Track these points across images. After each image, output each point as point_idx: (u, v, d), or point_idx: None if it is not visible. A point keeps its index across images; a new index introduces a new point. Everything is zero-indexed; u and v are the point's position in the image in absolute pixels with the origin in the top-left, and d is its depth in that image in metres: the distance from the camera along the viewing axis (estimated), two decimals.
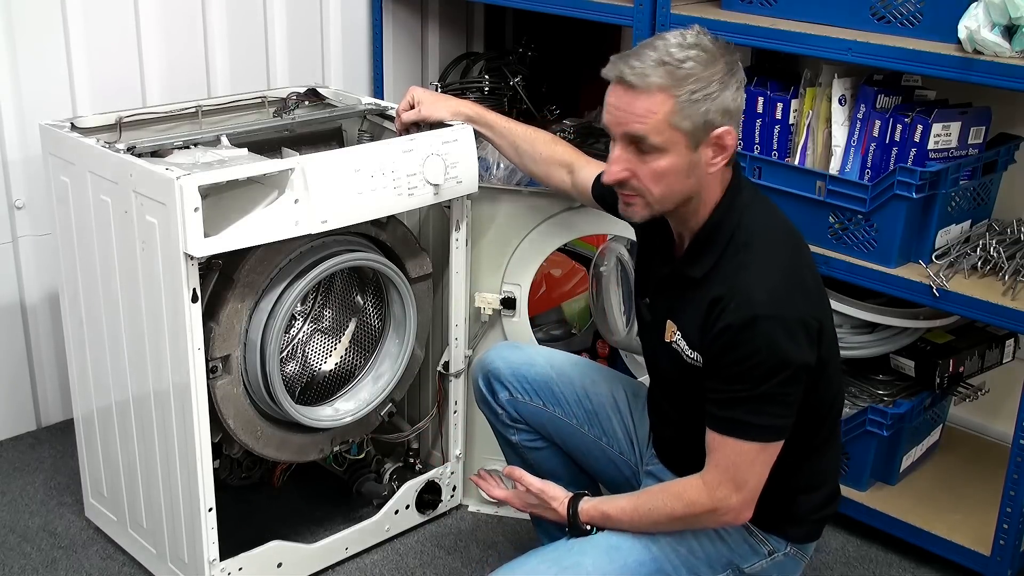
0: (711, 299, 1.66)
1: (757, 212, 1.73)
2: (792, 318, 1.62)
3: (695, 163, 1.67)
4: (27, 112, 2.54)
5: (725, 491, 1.69)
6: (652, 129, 1.64)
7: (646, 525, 1.77)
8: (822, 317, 1.69)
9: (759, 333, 1.61)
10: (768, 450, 1.67)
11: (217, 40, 2.86)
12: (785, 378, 1.62)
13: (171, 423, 2.02)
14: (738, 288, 1.64)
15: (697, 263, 1.72)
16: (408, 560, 2.35)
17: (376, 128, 2.41)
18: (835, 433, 1.86)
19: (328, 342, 2.38)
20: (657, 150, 1.65)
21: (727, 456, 1.68)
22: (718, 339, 1.64)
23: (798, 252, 1.74)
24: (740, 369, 1.63)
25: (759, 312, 1.61)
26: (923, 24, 2.13)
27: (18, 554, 2.32)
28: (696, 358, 1.72)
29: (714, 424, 1.68)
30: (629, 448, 2.04)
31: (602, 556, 1.75)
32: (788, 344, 1.61)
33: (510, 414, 2.09)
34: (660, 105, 1.62)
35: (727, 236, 1.70)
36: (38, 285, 2.70)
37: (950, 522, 2.33)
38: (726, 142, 1.66)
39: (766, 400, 1.64)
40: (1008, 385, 2.56)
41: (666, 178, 1.68)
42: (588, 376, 2.10)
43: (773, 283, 1.64)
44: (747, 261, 1.67)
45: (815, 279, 1.74)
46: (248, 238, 1.91)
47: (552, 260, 2.79)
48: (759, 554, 1.81)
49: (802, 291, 1.67)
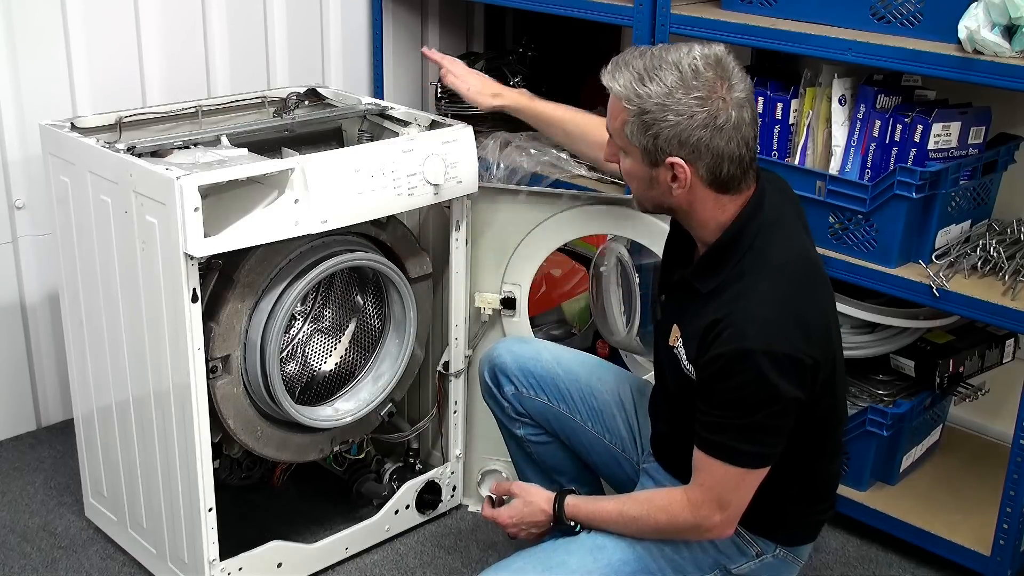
0: (709, 321, 1.64)
1: (775, 237, 1.69)
2: (783, 353, 1.59)
3: (655, 179, 1.69)
4: (27, 112, 2.54)
5: (708, 510, 1.69)
6: (614, 131, 1.72)
7: (631, 532, 1.78)
8: (817, 355, 1.63)
9: (749, 367, 1.58)
10: (753, 475, 1.67)
11: (217, 40, 2.86)
12: (774, 411, 1.61)
13: (171, 423, 2.02)
14: (734, 317, 1.61)
15: (705, 278, 1.71)
16: (408, 560, 2.35)
17: (376, 128, 2.41)
18: (834, 450, 1.84)
19: (328, 342, 2.38)
20: (622, 150, 1.72)
21: (712, 477, 1.67)
22: (710, 365, 1.63)
23: (804, 286, 1.69)
24: (730, 398, 1.62)
25: (750, 346, 1.58)
26: (923, 24, 2.13)
27: (18, 554, 2.32)
28: (690, 370, 1.71)
29: (701, 445, 1.68)
30: (632, 446, 2.04)
31: (587, 556, 1.76)
32: (778, 380, 1.58)
33: (515, 408, 2.09)
34: (619, 112, 1.67)
35: (737, 257, 1.67)
36: (38, 285, 2.70)
37: (950, 522, 2.33)
38: (677, 174, 1.65)
39: (754, 429, 1.63)
40: (1008, 385, 2.56)
41: (632, 180, 1.74)
42: (594, 373, 2.10)
43: (768, 316, 1.61)
44: (748, 289, 1.64)
45: (817, 314, 1.68)
46: (248, 238, 1.91)
47: (552, 260, 2.79)
48: (747, 555, 1.81)
49: (799, 326, 1.62)
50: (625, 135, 1.67)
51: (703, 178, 1.66)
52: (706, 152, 1.63)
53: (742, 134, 1.63)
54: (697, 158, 1.63)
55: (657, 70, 1.62)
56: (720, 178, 1.65)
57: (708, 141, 1.62)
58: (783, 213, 1.74)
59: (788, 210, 1.77)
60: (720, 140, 1.62)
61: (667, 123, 1.61)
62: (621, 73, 1.65)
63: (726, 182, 1.66)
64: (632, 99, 1.63)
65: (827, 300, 1.76)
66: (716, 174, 1.65)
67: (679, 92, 1.60)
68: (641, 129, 1.64)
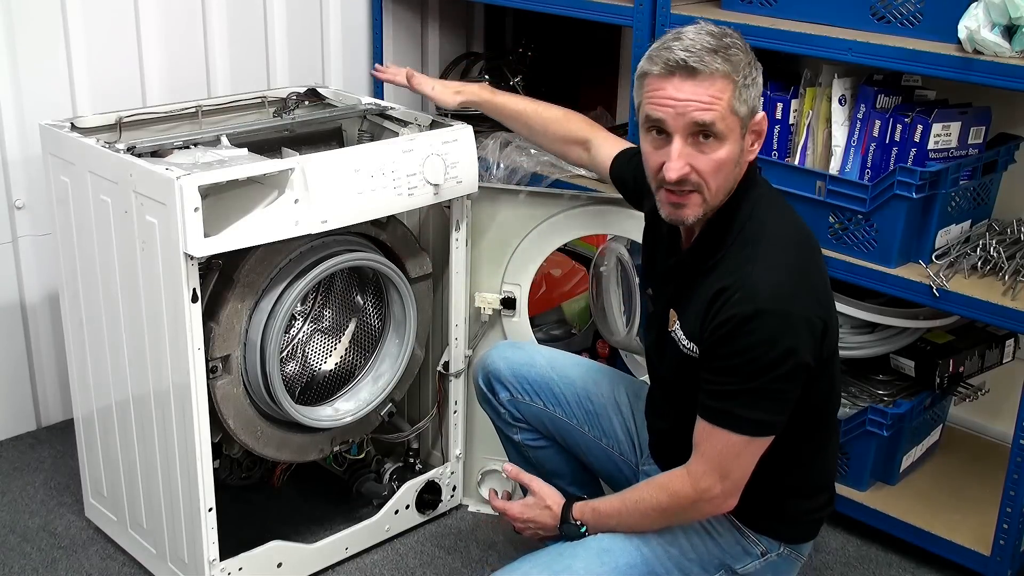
0: (716, 289, 1.65)
1: (770, 207, 1.73)
2: (796, 314, 1.62)
3: (743, 151, 1.69)
4: (27, 112, 2.54)
5: (709, 481, 1.69)
6: (719, 116, 1.62)
7: (635, 517, 1.78)
8: (827, 318, 1.68)
9: (761, 326, 1.60)
10: (756, 444, 1.67)
11: (217, 40, 2.86)
12: (782, 374, 1.62)
13: (171, 423, 2.02)
14: (744, 280, 1.63)
15: (706, 251, 1.72)
16: (408, 560, 2.35)
17: (376, 128, 2.41)
18: (831, 439, 1.85)
19: (328, 342, 2.38)
20: (718, 139, 1.63)
21: (714, 446, 1.68)
22: (719, 329, 1.64)
23: (807, 251, 1.73)
24: (738, 361, 1.63)
25: (763, 306, 1.60)
26: (923, 24, 2.13)
27: (18, 554, 2.32)
28: (692, 349, 1.72)
29: (705, 414, 1.68)
30: (630, 449, 2.04)
31: (593, 559, 1.76)
32: (789, 340, 1.61)
33: (512, 413, 2.09)
34: (723, 91, 1.62)
35: (738, 227, 1.70)
36: (38, 285, 2.70)
37: (950, 522, 2.33)
38: (763, 128, 1.70)
39: (760, 395, 1.63)
40: (1008, 385, 2.56)
41: (723, 169, 1.66)
42: (590, 377, 2.10)
43: (779, 279, 1.63)
44: (755, 255, 1.66)
45: (823, 280, 1.73)
46: (248, 238, 1.91)
47: (552, 260, 2.79)
48: (751, 555, 1.81)
49: (808, 289, 1.66)
50: (733, 111, 1.63)
51: None
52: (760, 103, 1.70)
53: None
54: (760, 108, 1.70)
55: (713, 42, 1.63)
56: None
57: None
58: (769, 186, 1.78)
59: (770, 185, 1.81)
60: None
61: (756, 78, 1.67)
62: (703, 56, 1.61)
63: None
64: (734, 68, 1.62)
65: (823, 264, 1.79)
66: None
67: (745, 51, 1.66)
68: (746, 93, 1.64)
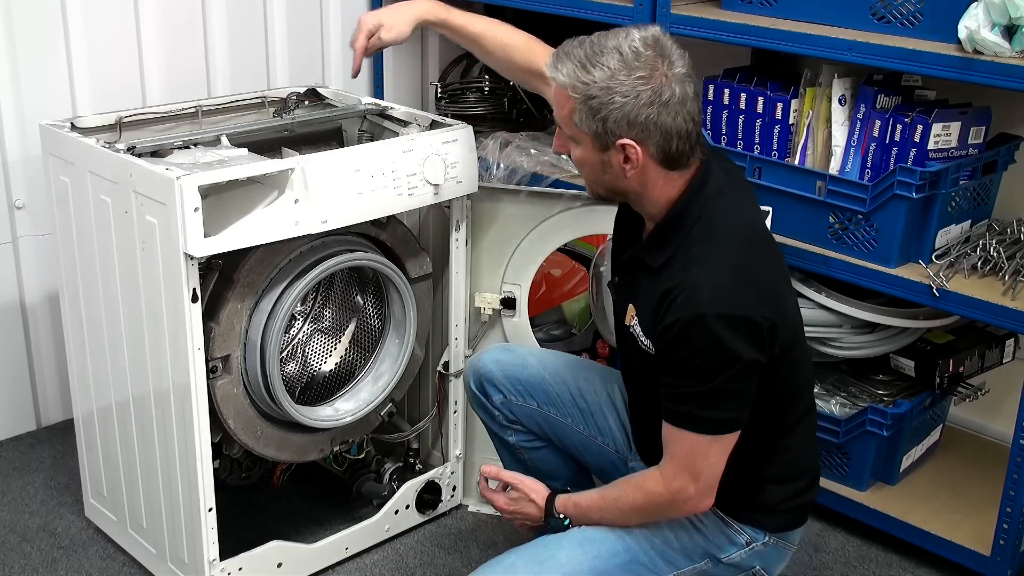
0: (662, 291, 1.67)
1: (722, 207, 1.73)
2: (736, 315, 1.62)
3: (607, 163, 1.71)
4: (27, 112, 2.54)
5: (681, 482, 1.70)
6: (562, 120, 1.73)
7: (614, 514, 1.80)
8: (773, 316, 1.66)
9: (704, 330, 1.61)
10: (722, 441, 1.68)
11: (217, 40, 2.86)
12: (733, 374, 1.63)
13: (171, 423, 2.02)
14: (686, 283, 1.64)
15: (655, 252, 1.74)
16: (408, 560, 2.35)
17: (376, 128, 2.41)
18: (804, 423, 1.85)
19: (328, 342, 2.38)
20: (572, 139, 1.73)
21: (682, 448, 1.69)
22: (666, 333, 1.65)
23: (756, 250, 1.73)
24: (689, 365, 1.64)
25: (703, 310, 1.61)
26: (923, 24, 2.13)
27: (18, 554, 2.32)
28: (648, 345, 1.74)
29: (668, 417, 1.70)
30: (625, 445, 2.04)
31: (576, 549, 1.78)
32: (733, 342, 1.61)
33: (506, 415, 2.09)
34: (565, 101, 1.69)
35: (686, 229, 1.71)
36: (38, 285, 2.70)
37: (950, 522, 2.33)
38: (629, 154, 1.68)
39: (717, 395, 1.65)
40: (1008, 385, 2.56)
41: (583, 167, 1.76)
42: (582, 375, 2.10)
43: (720, 280, 1.64)
44: (699, 256, 1.67)
45: (770, 278, 1.72)
46: (248, 238, 1.91)
47: (552, 260, 2.79)
48: (736, 544, 1.81)
49: (751, 289, 1.65)
50: (574, 123, 1.69)
51: (654, 156, 1.69)
52: (655, 129, 1.66)
53: (687, 108, 1.67)
54: (647, 137, 1.67)
55: (598, 56, 1.65)
56: (670, 155, 1.69)
57: (656, 118, 1.65)
58: (727, 184, 1.77)
59: (733, 183, 1.80)
60: (667, 116, 1.65)
61: (614, 105, 1.64)
62: (563, 63, 1.68)
63: (676, 158, 1.70)
64: (577, 87, 1.66)
65: (778, 267, 1.79)
66: (667, 151, 1.68)
67: (622, 74, 1.64)
68: (589, 115, 1.66)
